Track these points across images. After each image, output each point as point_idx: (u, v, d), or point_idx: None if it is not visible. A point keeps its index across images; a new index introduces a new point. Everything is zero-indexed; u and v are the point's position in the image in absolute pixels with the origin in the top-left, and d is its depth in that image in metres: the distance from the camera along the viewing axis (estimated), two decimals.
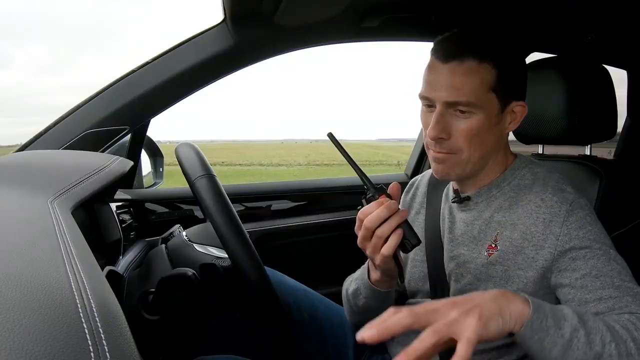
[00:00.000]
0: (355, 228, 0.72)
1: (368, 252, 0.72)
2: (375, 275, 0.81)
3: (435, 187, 0.93)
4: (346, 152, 0.74)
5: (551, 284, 0.74)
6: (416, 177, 1.02)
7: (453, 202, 0.86)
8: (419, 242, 0.70)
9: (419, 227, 0.90)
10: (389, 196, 0.70)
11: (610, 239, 0.74)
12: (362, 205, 0.72)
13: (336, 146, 0.73)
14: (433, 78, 0.75)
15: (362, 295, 0.88)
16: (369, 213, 0.69)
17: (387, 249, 0.69)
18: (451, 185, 0.88)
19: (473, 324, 0.54)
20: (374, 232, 0.69)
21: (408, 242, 0.69)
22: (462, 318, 0.54)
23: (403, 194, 1.01)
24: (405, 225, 0.69)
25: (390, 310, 0.56)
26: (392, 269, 0.75)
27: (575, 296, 0.70)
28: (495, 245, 0.78)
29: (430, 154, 0.80)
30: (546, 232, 0.73)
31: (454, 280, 0.83)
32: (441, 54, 0.75)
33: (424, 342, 0.53)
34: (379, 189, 0.71)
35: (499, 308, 0.57)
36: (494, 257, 0.78)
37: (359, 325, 0.95)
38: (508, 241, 0.77)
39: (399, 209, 0.69)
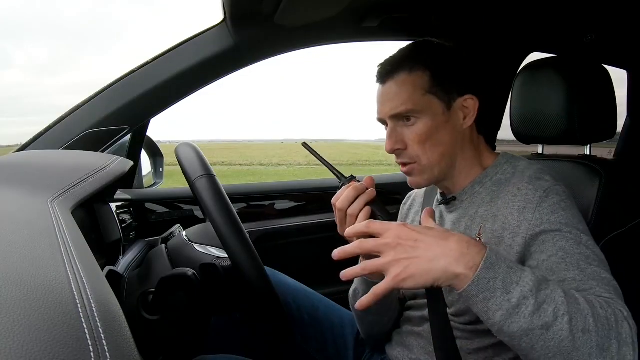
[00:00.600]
0: (335, 215, 0.77)
1: (345, 234, 0.75)
2: None
3: (430, 195, 0.95)
4: (318, 154, 0.82)
5: None
6: (412, 191, 1.04)
7: (440, 205, 0.88)
8: (391, 217, 0.73)
9: None
10: (359, 182, 0.77)
11: (585, 225, 0.73)
12: None
13: (310, 152, 0.82)
14: (379, 100, 0.82)
15: (360, 294, 0.89)
16: (340, 197, 0.75)
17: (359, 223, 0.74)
18: (438, 190, 0.90)
19: (390, 278, 0.57)
20: (346, 213, 0.74)
21: (381, 217, 0.73)
22: (390, 265, 0.57)
23: (401, 205, 1.04)
24: (375, 204, 0.74)
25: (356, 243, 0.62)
26: None
27: None
28: (479, 239, 0.79)
29: (401, 170, 0.84)
30: (520, 218, 0.74)
31: None
32: (378, 78, 0.82)
33: (358, 268, 0.61)
34: (349, 178, 0.77)
35: (441, 266, 0.56)
36: None
37: (370, 337, 0.96)
38: (490, 233, 0.78)
39: (367, 189, 0.74)
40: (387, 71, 0.81)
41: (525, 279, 0.57)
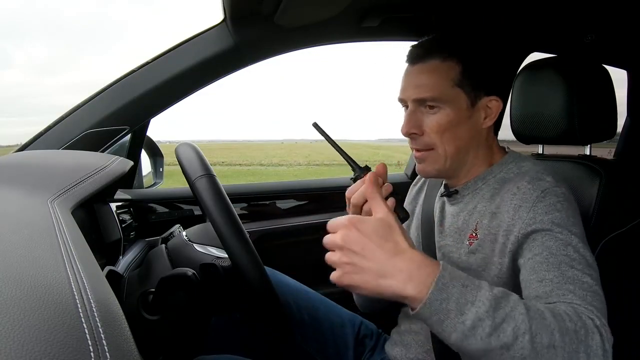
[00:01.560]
0: (347, 209, 0.73)
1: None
2: None
3: (433, 186, 0.95)
4: (330, 137, 0.77)
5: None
6: (418, 182, 1.04)
7: (441, 197, 0.89)
8: (408, 215, 0.72)
9: (416, 223, 0.95)
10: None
11: (581, 228, 0.71)
12: None
13: (321, 133, 0.78)
14: (404, 80, 0.82)
15: None
16: (355, 191, 0.70)
17: None
18: (444, 181, 0.91)
19: (335, 277, 0.56)
20: (361, 208, 0.70)
21: (396, 215, 0.68)
22: (337, 265, 0.56)
23: (411, 186, 1.04)
24: (395, 198, 0.71)
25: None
26: None
27: (523, 276, 0.69)
28: (476, 234, 0.79)
29: (414, 155, 0.84)
30: (515, 217, 0.74)
31: None
32: (409, 58, 0.82)
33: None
34: (364, 168, 0.73)
35: (388, 285, 0.53)
36: (474, 245, 0.79)
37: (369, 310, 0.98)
38: (487, 229, 0.78)
39: (384, 183, 0.70)
40: (420, 54, 0.80)
41: (481, 297, 0.54)
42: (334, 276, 0.57)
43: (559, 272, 0.64)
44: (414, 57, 0.81)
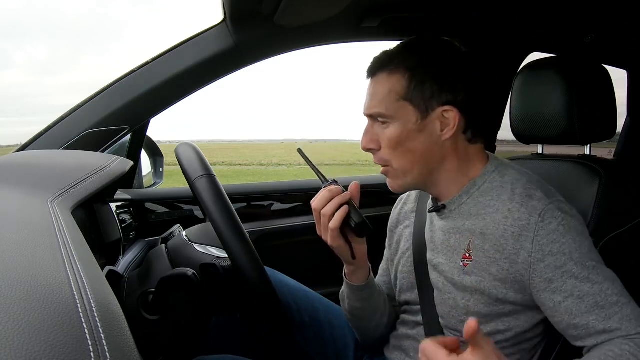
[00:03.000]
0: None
1: (322, 234, 0.80)
2: (345, 267, 0.88)
3: (423, 199, 0.93)
4: (312, 163, 0.85)
5: (534, 300, 0.74)
6: (403, 195, 1.02)
7: (430, 212, 0.87)
8: (363, 219, 0.78)
9: (407, 239, 0.93)
10: (338, 185, 0.80)
11: (587, 240, 0.72)
12: None
13: (303, 158, 0.85)
14: (366, 95, 0.82)
15: (345, 296, 0.91)
16: (317, 198, 0.79)
17: (333, 222, 0.77)
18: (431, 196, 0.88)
19: None
20: (320, 212, 0.78)
21: (352, 219, 0.77)
22: None
23: (392, 209, 1.02)
24: (350, 205, 0.78)
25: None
26: (343, 246, 0.80)
27: (563, 320, 0.70)
28: (469, 255, 0.78)
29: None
30: (517, 246, 0.72)
31: (437, 288, 0.83)
32: (367, 71, 0.82)
33: None
34: (330, 182, 0.81)
35: None
36: (469, 267, 0.78)
37: (365, 342, 0.97)
38: (481, 252, 0.76)
39: (343, 191, 0.78)
40: (373, 67, 0.80)
41: None
42: None
43: (599, 308, 0.67)
44: (369, 71, 0.81)
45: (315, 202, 0.78)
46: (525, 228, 0.72)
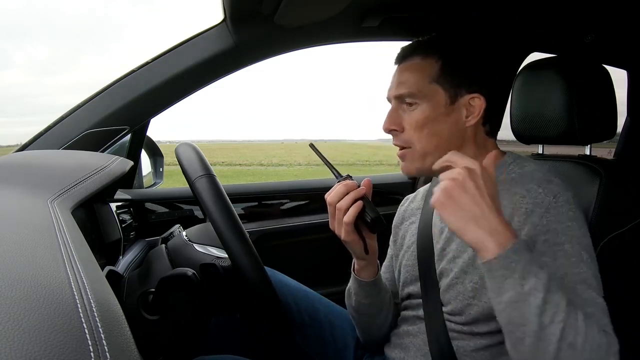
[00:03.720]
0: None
1: (335, 228, 0.80)
2: (355, 262, 0.88)
3: (430, 198, 0.93)
4: (325, 158, 0.85)
5: None
6: (409, 194, 1.06)
7: None
8: (378, 214, 0.77)
9: (413, 233, 0.94)
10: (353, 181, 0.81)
11: (588, 236, 0.73)
12: None
13: (315, 152, 0.86)
14: (391, 80, 0.85)
15: (353, 292, 0.91)
16: (335, 192, 0.79)
17: (347, 217, 0.77)
18: None
19: (434, 198, 0.63)
20: (335, 207, 0.78)
21: (367, 214, 0.77)
22: (442, 189, 0.63)
23: (399, 207, 1.05)
24: (365, 200, 0.78)
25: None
26: (356, 241, 0.81)
27: None
28: None
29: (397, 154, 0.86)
30: (527, 221, 0.73)
31: (445, 276, 0.84)
32: (395, 59, 0.86)
33: None
34: (345, 177, 0.81)
35: (475, 231, 0.61)
36: None
37: (368, 341, 0.97)
38: None
39: (358, 186, 0.78)
40: (404, 54, 0.84)
41: (542, 274, 0.60)
42: (435, 199, 0.63)
43: (574, 294, 0.68)
44: (398, 57, 0.85)
45: (330, 196, 0.79)
46: (538, 205, 0.74)
